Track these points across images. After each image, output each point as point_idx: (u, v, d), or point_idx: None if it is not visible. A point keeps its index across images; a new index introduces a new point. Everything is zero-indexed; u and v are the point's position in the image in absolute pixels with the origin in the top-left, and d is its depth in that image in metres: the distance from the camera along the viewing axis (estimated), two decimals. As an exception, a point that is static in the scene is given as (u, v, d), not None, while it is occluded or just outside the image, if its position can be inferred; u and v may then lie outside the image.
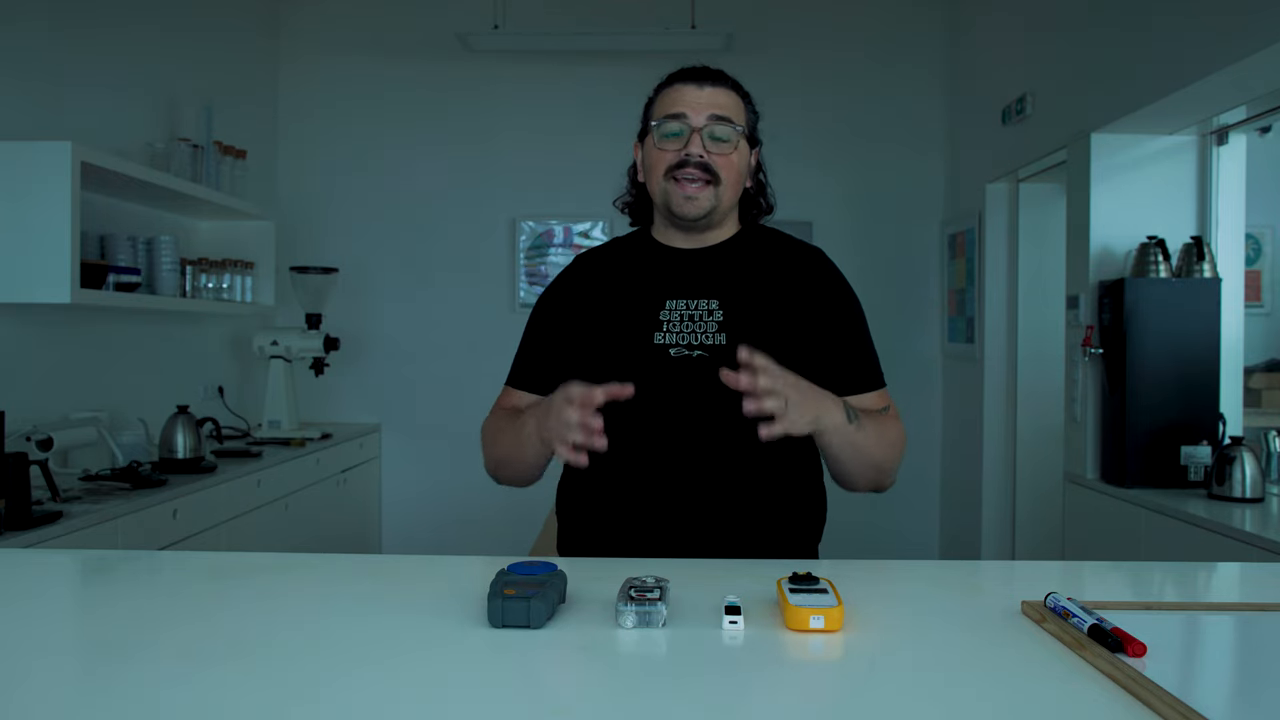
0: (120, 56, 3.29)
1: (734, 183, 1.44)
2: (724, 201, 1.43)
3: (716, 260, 1.47)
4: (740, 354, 1.19)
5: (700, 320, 1.41)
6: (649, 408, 1.36)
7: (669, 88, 1.45)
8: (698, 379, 1.37)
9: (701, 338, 1.40)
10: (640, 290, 1.46)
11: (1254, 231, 3.34)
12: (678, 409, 1.37)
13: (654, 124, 1.43)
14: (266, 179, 4.39)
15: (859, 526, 4.36)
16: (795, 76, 4.46)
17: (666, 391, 1.37)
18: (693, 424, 1.37)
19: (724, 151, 1.41)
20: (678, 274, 1.46)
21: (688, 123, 1.40)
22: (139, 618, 1.05)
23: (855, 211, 4.48)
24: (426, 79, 4.49)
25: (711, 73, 1.45)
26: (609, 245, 1.60)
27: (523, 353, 1.55)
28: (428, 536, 4.45)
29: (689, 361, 1.38)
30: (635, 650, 0.93)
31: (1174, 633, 1.01)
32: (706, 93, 1.42)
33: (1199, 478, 2.74)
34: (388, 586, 1.19)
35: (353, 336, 4.35)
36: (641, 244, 1.54)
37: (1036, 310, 3.80)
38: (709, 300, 1.42)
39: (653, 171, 1.44)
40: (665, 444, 1.38)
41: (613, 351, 1.41)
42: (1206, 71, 2.44)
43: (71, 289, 2.56)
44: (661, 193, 1.43)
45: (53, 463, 2.57)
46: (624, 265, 1.52)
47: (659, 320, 1.42)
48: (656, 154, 1.43)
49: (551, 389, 1.46)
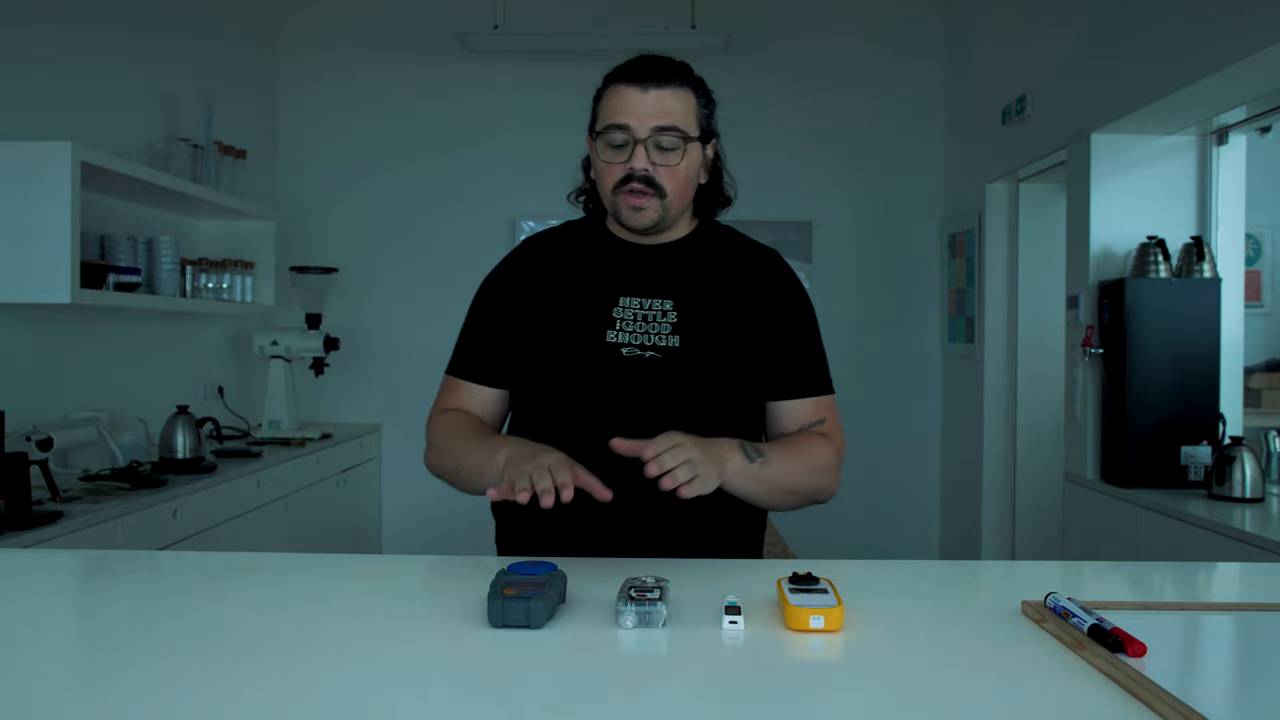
0: (120, 56, 3.29)
1: (681, 193, 1.40)
2: (672, 211, 1.40)
3: (671, 258, 1.45)
4: (616, 446, 1.19)
5: (653, 320, 1.39)
6: (599, 408, 1.36)
7: (613, 88, 1.38)
8: (649, 380, 1.36)
9: (655, 339, 1.38)
10: (593, 284, 1.43)
11: (1254, 231, 3.34)
12: (627, 410, 1.35)
13: (598, 132, 1.39)
14: (266, 179, 4.39)
15: (859, 526, 4.37)
16: (795, 76, 4.46)
17: (617, 392, 1.36)
18: (642, 425, 1.35)
19: (669, 162, 1.36)
20: (632, 270, 1.43)
21: (631, 134, 1.35)
22: (139, 618, 1.05)
23: (855, 211, 4.48)
24: (426, 79, 4.49)
25: (657, 70, 1.37)
26: (560, 230, 1.55)
27: (467, 340, 1.50)
28: (428, 536, 4.45)
29: (641, 362, 1.37)
30: (635, 650, 0.93)
31: (1174, 633, 1.01)
32: (651, 97, 1.35)
33: (1199, 478, 2.74)
34: (388, 586, 1.19)
35: (353, 336, 4.35)
36: (595, 234, 1.50)
37: (1036, 310, 3.80)
38: (663, 300, 1.41)
39: (601, 182, 1.41)
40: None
41: (565, 347, 1.39)
42: (1206, 71, 2.43)
43: (71, 289, 2.56)
44: (611, 204, 1.40)
45: (53, 463, 2.57)
46: (576, 255, 1.48)
47: (612, 317, 1.39)
48: (603, 166, 1.39)
49: (496, 380, 1.46)
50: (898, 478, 4.46)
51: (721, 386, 1.39)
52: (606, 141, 1.38)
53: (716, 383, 1.38)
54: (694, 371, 1.37)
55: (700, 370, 1.37)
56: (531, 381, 1.43)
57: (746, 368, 1.39)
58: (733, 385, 1.40)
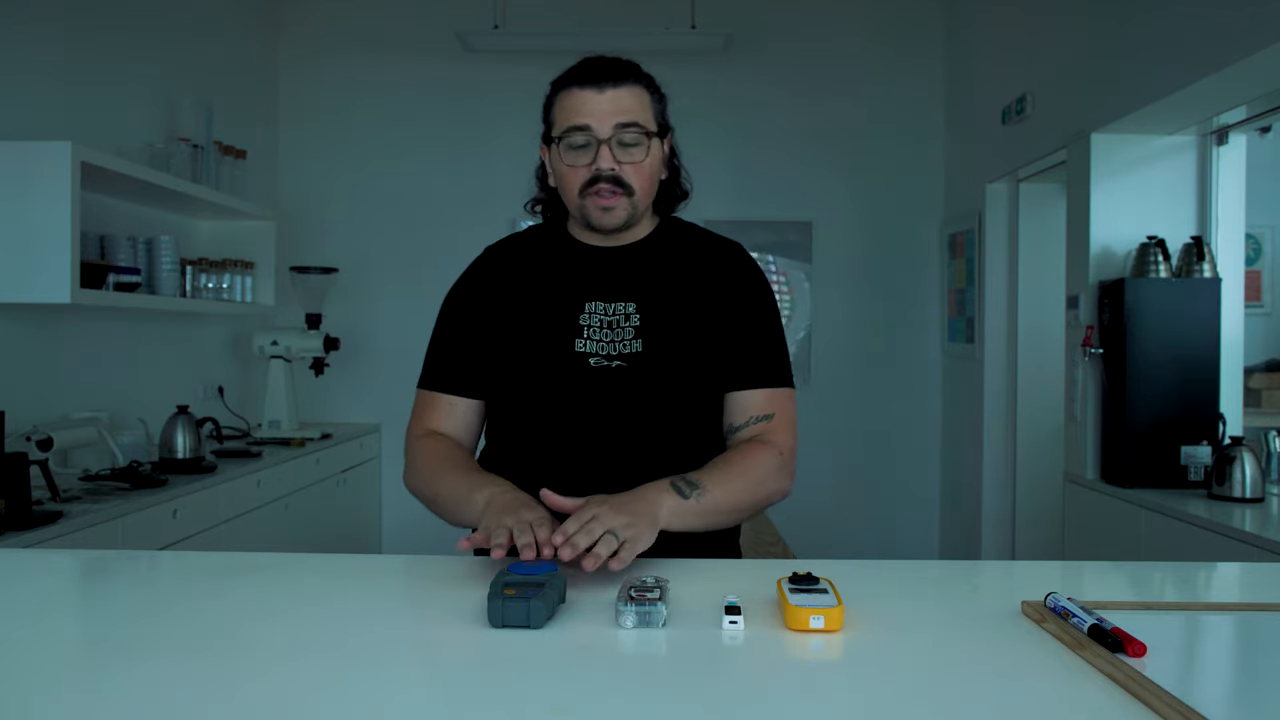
0: (120, 56, 3.29)
1: (648, 188, 1.40)
2: (639, 208, 1.40)
3: (633, 260, 1.44)
4: (546, 498, 1.19)
5: (618, 327, 1.39)
6: (569, 418, 1.36)
7: (567, 91, 1.37)
8: (616, 390, 1.36)
9: (620, 346, 1.38)
10: (559, 291, 1.42)
11: (1254, 231, 3.35)
12: (597, 420, 1.35)
13: (557, 137, 1.38)
14: (266, 179, 4.39)
15: (859, 526, 4.37)
16: (795, 76, 4.46)
17: (586, 404, 1.36)
18: (610, 435, 1.36)
19: (634, 159, 1.36)
20: (596, 275, 1.43)
21: (593, 135, 1.34)
22: (139, 618, 1.05)
23: (855, 211, 4.48)
24: (426, 79, 4.49)
25: (610, 70, 1.36)
26: (521, 236, 1.54)
27: (437, 352, 1.48)
28: (428, 536, 4.43)
29: (608, 372, 1.36)
30: (635, 650, 0.93)
31: (1174, 633, 1.01)
32: (608, 96, 1.34)
33: (1199, 478, 2.74)
34: (388, 586, 1.19)
35: (353, 336, 4.35)
36: (556, 239, 1.48)
37: (1036, 310, 3.80)
38: (626, 303, 1.40)
39: (565, 187, 1.40)
40: (583, 454, 1.36)
41: (535, 358, 1.39)
42: (1206, 71, 2.44)
43: (71, 289, 2.56)
44: (578, 207, 1.39)
45: (53, 463, 2.57)
46: (540, 262, 1.47)
47: (579, 325, 1.39)
48: (566, 170, 1.37)
49: (472, 390, 1.45)
50: (898, 478, 4.46)
51: (685, 390, 1.38)
52: (568, 144, 1.36)
53: (680, 386, 1.38)
54: (658, 378, 1.37)
55: (664, 375, 1.37)
56: (503, 392, 1.43)
57: (708, 366, 1.38)
58: (696, 387, 1.39)
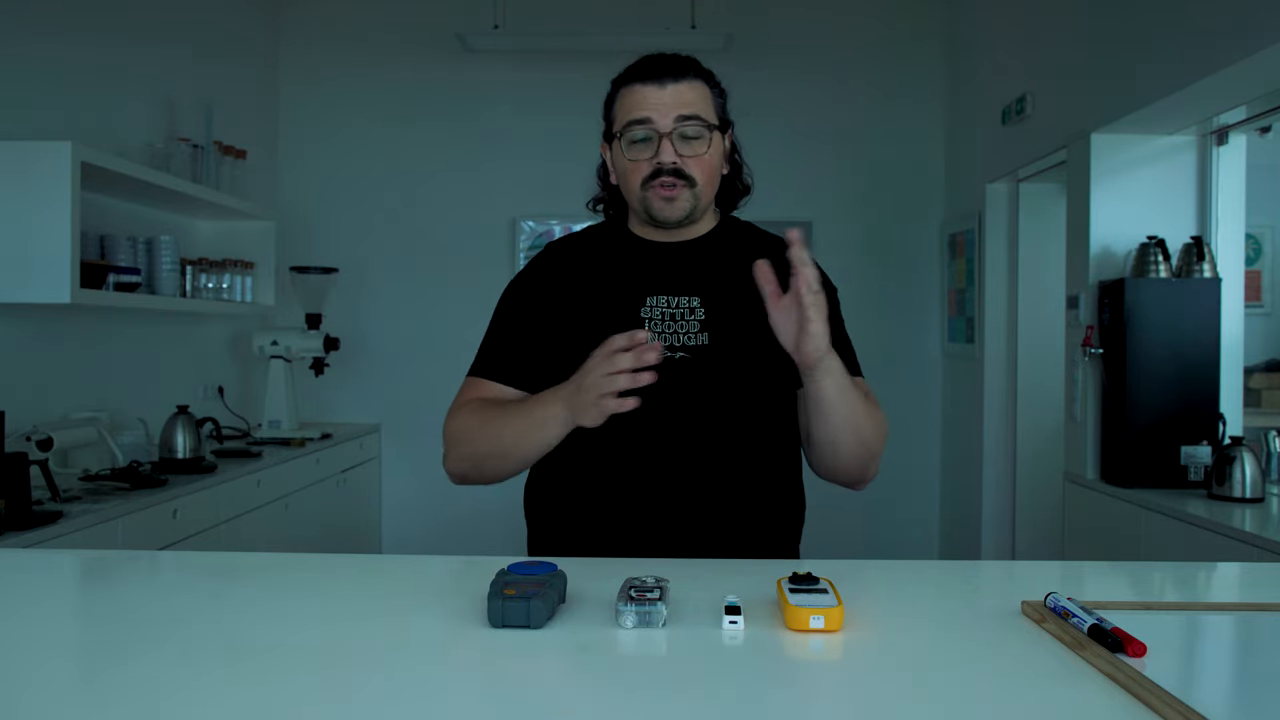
0: (120, 56, 3.29)
1: (710, 180, 1.41)
2: (702, 200, 1.41)
3: (696, 255, 1.45)
4: (792, 237, 1.20)
5: (682, 319, 1.39)
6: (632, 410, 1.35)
7: (628, 88, 1.39)
8: (680, 381, 1.35)
9: (684, 338, 1.38)
10: (621, 285, 1.43)
11: (1254, 231, 3.35)
12: (660, 411, 1.34)
13: (619, 132, 1.39)
14: (266, 179, 4.39)
15: (859, 526, 4.37)
16: (795, 76, 4.46)
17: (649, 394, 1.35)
18: (675, 427, 1.36)
19: (696, 152, 1.37)
20: (658, 269, 1.44)
21: (654, 128, 1.35)
22: (139, 618, 1.05)
23: (855, 211, 4.48)
24: (426, 79, 4.49)
25: (671, 66, 1.38)
26: (583, 235, 1.55)
27: (494, 342, 1.48)
28: (428, 536, 4.45)
29: (671, 363, 1.36)
30: (635, 650, 0.93)
31: (1174, 633, 1.01)
32: (669, 91, 1.36)
33: (1199, 478, 2.74)
34: (388, 586, 1.19)
35: (353, 336, 4.35)
36: (618, 236, 1.50)
37: (1036, 310, 3.80)
38: (690, 297, 1.40)
39: (627, 181, 1.41)
40: (647, 446, 1.36)
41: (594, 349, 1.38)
42: (1206, 71, 2.43)
43: (71, 289, 2.56)
44: (640, 200, 1.40)
45: (53, 463, 2.57)
46: (602, 258, 1.48)
47: (641, 318, 1.40)
48: (629, 164, 1.39)
49: (527, 384, 1.43)
50: (898, 478, 4.45)
51: (752, 382, 1.39)
52: (629, 139, 1.37)
53: (747, 379, 1.38)
54: (724, 369, 1.37)
55: (730, 367, 1.37)
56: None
57: (776, 360, 1.38)
58: (763, 380, 1.39)
